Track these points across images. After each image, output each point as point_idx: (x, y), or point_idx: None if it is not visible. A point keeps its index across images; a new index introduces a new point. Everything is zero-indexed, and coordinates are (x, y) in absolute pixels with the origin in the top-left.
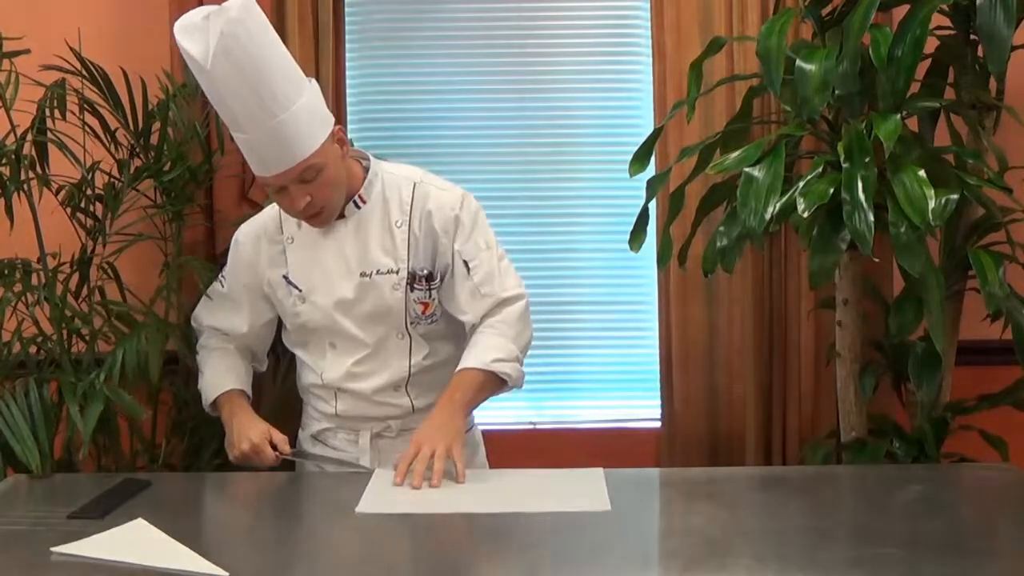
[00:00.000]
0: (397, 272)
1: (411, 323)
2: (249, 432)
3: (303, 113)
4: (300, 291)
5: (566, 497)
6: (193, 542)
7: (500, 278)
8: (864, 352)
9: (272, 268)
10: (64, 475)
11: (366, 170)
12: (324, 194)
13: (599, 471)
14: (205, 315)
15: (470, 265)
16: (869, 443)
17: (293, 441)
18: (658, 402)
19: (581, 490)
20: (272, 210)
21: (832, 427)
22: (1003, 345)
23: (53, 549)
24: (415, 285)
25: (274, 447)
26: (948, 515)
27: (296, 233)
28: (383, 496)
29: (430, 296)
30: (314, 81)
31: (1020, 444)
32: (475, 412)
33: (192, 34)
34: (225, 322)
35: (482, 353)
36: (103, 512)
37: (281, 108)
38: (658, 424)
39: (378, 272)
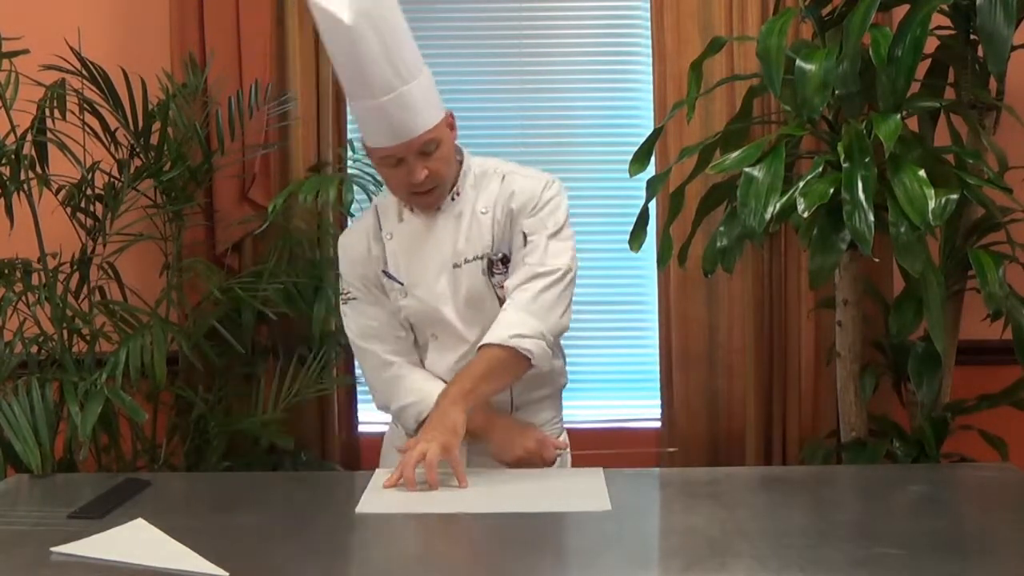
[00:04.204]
0: (482, 258)
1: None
2: (522, 436)
3: (427, 84)
4: (402, 285)
5: (566, 497)
6: (193, 542)
7: (544, 252)
8: (864, 352)
9: (377, 264)
10: (64, 475)
11: (460, 164)
12: (441, 169)
13: (599, 471)
14: (369, 322)
15: (528, 239)
16: (869, 443)
17: (376, 453)
18: (658, 402)
19: (581, 490)
20: (369, 216)
21: (832, 427)
22: (1003, 345)
23: (53, 549)
24: (494, 270)
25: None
26: (948, 515)
27: (395, 229)
28: (383, 496)
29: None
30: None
31: (1020, 444)
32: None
33: None
34: (377, 317)
35: (502, 328)
36: (103, 512)
37: (411, 76)
38: (658, 424)
39: (466, 260)
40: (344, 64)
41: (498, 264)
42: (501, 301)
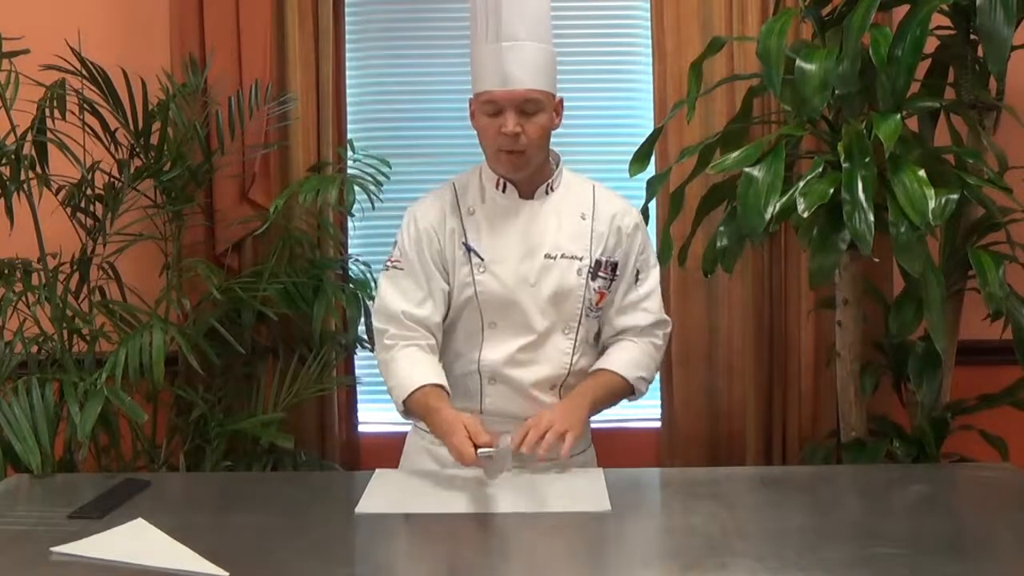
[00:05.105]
0: (581, 259)
1: (586, 312)
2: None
3: (548, 55)
4: (482, 260)
5: (566, 497)
6: (193, 542)
7: (659, 302)
8: (864, 352)
9: (452, 238)
10: (64, 475)
11: (556, 165)
12: (534, 134)
13: (599, 471)
14: (397, 300)
15: (640, 276)
16: (869, 443)
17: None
18: (658, 402)
19: (581, 490)
20: (446, 191)
21: (832, 427)
22: (1003, 345)
23: (53, 549)
24: (599, 273)
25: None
26: (948, 515)
27: (478, 207)
28: (383, 496)
29: (609, 287)
30: None
31: (1020, 444)
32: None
33: None
34: (415, 301)
35: (631, 365)
36: (103, 512)
37: (543, 38)
38: (658, 424)
39: (563, 256)
40: (483, 5)
41: (607, 269)
42: (588, 306)
